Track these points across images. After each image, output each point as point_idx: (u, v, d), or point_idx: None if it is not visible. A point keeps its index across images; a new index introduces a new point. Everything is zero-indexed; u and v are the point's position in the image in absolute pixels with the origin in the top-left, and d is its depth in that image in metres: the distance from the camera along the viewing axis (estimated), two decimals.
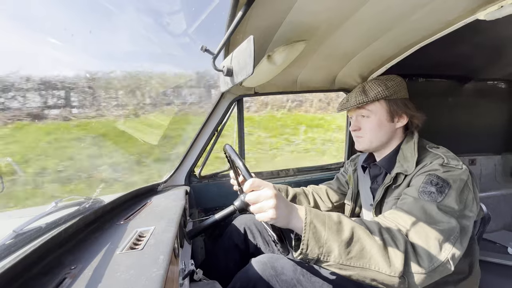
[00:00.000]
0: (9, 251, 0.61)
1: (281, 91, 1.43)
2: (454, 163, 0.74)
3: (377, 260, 0.59)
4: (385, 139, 0.90)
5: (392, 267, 0.59)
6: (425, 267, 0.60)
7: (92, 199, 0.96)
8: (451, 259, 0.62)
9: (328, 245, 0.60)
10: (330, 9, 0.79)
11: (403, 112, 0.87)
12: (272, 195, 0.60)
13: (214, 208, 1.44)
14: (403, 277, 0.59)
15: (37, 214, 0.77)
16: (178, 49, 22.28)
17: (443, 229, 0.63)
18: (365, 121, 0.91)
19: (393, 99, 0.87)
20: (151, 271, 0.49)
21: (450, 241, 0.63)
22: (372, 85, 0.88)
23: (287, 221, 0.61)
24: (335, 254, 0.59)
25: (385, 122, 0.88)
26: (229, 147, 0.88)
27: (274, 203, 0.59)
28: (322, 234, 0.60)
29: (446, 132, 1.79)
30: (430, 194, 0.69)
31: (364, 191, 1.01)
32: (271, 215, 0.59)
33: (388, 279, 0.59)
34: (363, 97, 0.88)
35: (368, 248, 0.60)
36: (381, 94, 0.86)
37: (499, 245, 1.59)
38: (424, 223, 0.65)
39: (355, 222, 0.65)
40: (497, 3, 0.70)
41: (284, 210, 0.61)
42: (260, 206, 0.61)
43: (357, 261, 0.60)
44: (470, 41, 1.26)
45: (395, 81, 0.88)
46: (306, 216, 0.62)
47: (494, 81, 1.89)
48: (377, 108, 0.88)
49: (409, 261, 0.60)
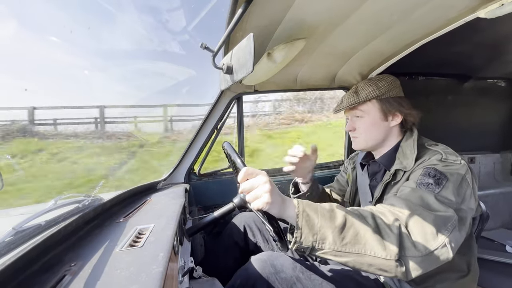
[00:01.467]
0: (9, 248, 0.61)
1: (281, 89, 1.43)
2: (452, 158, 0.75)
3: (372, 245, 0.59)
4: (381, 138, 0.91)
5: (388, 251, 0.59)
6: (421, 251, 0.60)
7: (91, 196, 0.96)
8: (448, 245, 0.61)
9: (322, 232, 0.60)
10: (330, 7, 0.78)
11: (396, 111, 0.88)
12: (266, 181, 0.60)
13: (214, 206, 1.45)
14: (399, 260, 0.59)
15: (37, 212, 0.76)
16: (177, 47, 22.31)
17: (439, 216, 0.64)
18: (359, 121, 0.93)
19: (385, 98, 0.88)
20: (151, 268, 0.49)
21: (446, 228, 0.63)
22: (364, 86, 0.90)
23: (281, 209, 0.61)
24: (329, 241, 0.59)
25: (379, 121, 0.89)
26: (228, 144, 0.88)
27: (268, 188, 0.59)
28: (315, 222, 0.60)
29: (445, 130, 1.80)
30: (428, 185, 0.70)
31: (363, 189, 1.01)
32: (266, 199, 0.59)
33: (384, 263, 0.59)
34: (355, 98, 0.90)
35: (362, 233, 0.60)
36: (372, 94, 0.87)
37: (497, 243, 1.59)
38: (420, 209, 0.65)
39: (348, 209, 0.66)
40: (498, 1, 0.70)
41: (278, 197, 0.61)
42: (255, 192, 0.61)
43: (352, 247, 0.60)
44: (470, 40, 1.25)
45: (387, 81, 0.89)
46: (299, 205, 0.62)
47: (493, 80, 1.90)
48: (370, 108, 0.90)
49: (404, 245, 0.60)
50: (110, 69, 18.49)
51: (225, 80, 0.75)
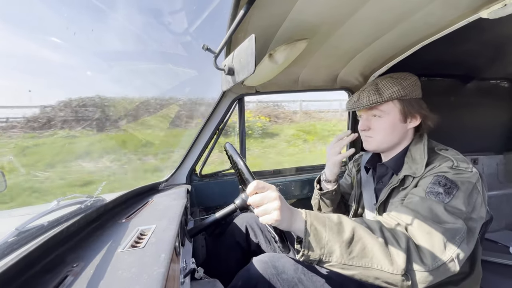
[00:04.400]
0: (12, 248, 0.61)
1: (283, 90, 1.43)
2: (464, 166, 0.72)
3: (379, 259, 0.59)
4: (396, 140, 0.86)
5: (395, 265, 0.58)
6: (428, 265, 0.59)
7: (93, 197, 0.97)
8: (456, 259, 0.60)
9: (330, 246, 0.60)
10: (332, 8, 0.78)
11: (417, 113, 0.83)
12: (276, 197, 0.60)
13: (215, 207, 1.44)
14: (406, 275, 0.59)
15: (39, 212, 0.77)
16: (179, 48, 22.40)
17: (448, 229, 0.62)
18: (377, 121, 0.86)
19: (407, 99, 0.82)
20: (153, 269, 0.49)
21: (455, 241, 0.61)
22: (387, 84, 0.83)
23: (289, 224, 0.61)
24: (336, 255, 0.59)
25: (398, 123, 0.84)
26: (230, 145, 0.88)
27: (278, 205, 0.59)
28: (323, 236, 0.60)
29: (448, 131, 1.78)
30: (437, 194, 0.68)
31: (368, 192, 0.99)
32: (276, 217, 0.59)
33: (391, 277, 0.59)
34: (377, 97, 0.82)
35: (369, 247, 0.60)
36: (397, 94, 0.81)
37: (501, 245, 1.58)
38: (429, 221, 0.64)
39: (355, 222, 0.65)
40: (501, 1, 0.69)
41: (287, 213, 0.61)
42: (264, 208, 0.60)
43: (359, 261, 0.59)
44: (472, 40, 1.25)
45: (411, 80, 0.84)
46: (307, 218, 0.62)
47: (496, 80, 1.88)
48: (391, 108, 0.84)
49: (412, 259, 0.59)
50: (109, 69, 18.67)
51: (227, 81, 0.76)
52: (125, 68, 16.06)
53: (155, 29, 26.83)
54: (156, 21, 28.16)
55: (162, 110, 7.81)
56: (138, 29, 27.77)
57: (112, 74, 15.59)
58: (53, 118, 6.46)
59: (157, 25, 27.47)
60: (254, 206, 0.62)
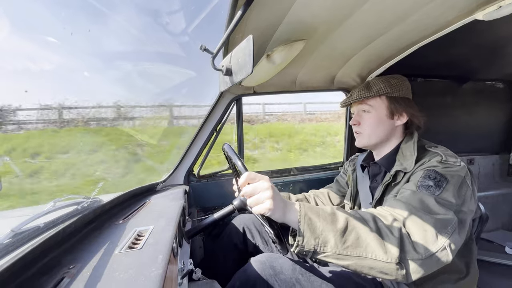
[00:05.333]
0: (7, 250, 0.60)
1: (280, 90, 1.43)
2: (452, 160, 0.75)
3: (373, 248, 0.60)
4: (384, 136, 0.92)
5: (388, 254, 0.59)
6: (421, 254, 0.60)
7: (90, 198, 0.96)
8: (448, 248, 0.62)
9: (324, 236, 0.60)
10: (329, 9, 0.79)
11: (403, 110, 0.89)
12: (268, 187, 0.60)
13: (213, 208, 1.44)
14: (400, 263, 0.59)
15: (35, 214, 0.76)
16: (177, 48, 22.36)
17: (439, 219, 0.64)
18: (365, 116, 0.94)
19: (394, 97, 0.89)
20: (150, 271, 0.48)
21: (447, 231, 0.63)
22: (376, 81, 0.91)
23: (282, 213, 0.62)
24: (331, 244, 0.60)
25: (385, 119, 0.90)
26: (228, 146, 0.87)
27: (270, 194, 0.59)
28: (317, 225, 0.61)
29: (444, 132, 1.80)
30: (428, 187, 0.70)
31: (363, 190, 1.01)
32: (269, 205, 0.59)
33: (385, 266, 0.59)
34: (366, 92, 0.91)
35: (363, 237, 0.61)
36: (383, 90, 0.88)
37: (496, 244, 1.60)
38: (421, 212, 0.65)
39: (349, 212, 0.66)
40: (496, 3, 0.70)
41: (280, 202, 0.61)
42: (256, 198, 0.61)
43: (353, 250, 0.60)
44: (468, 42, 1.26)
45: (399, 80, 0.91)
46: (300, 209, 0.62)
47: (492, 82, 1.90)
48: (378, 104, 0.90)
49: (405, 248, 0.60)
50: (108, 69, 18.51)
51: (225, 82, 0.76)
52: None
53: (153, 29, 26.78)
54: (154, 21, 28.13)
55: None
56: (136, 28, 27.72)
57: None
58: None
59: (155, 25, 27.45)
60: (247, 196, 0.62)
